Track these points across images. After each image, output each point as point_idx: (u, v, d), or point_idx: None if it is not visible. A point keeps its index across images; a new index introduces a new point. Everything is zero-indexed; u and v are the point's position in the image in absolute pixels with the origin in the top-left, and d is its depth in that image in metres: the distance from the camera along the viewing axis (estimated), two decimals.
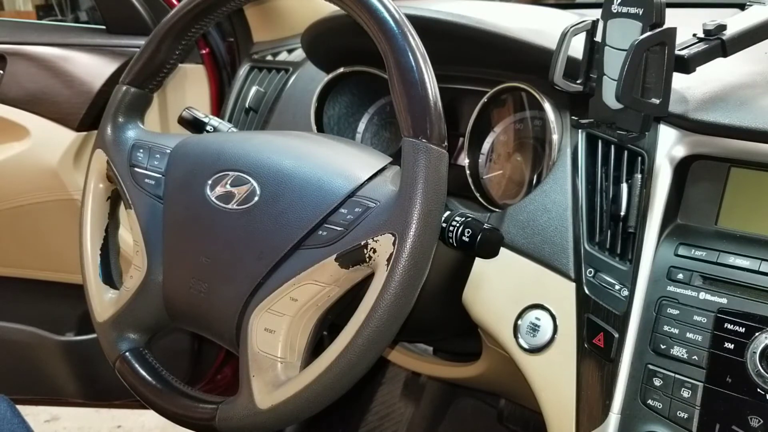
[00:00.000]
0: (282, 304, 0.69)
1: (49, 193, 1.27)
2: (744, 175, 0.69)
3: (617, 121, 0.71)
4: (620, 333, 0.69)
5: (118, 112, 0.85)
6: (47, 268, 1.37)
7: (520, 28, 0.86)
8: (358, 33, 0.71)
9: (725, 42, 0.70)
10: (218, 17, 0.83)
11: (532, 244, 0.79)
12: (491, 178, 0.97)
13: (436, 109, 0.65)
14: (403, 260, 0.63)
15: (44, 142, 1.25)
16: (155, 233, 0.79)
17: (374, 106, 1.12)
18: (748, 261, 0.66)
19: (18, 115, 1.26)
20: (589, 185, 0.78)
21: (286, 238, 0.69)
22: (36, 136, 1.25)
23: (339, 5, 0.71)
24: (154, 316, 0.79)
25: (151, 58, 0.84)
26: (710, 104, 0.71)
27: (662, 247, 0.70)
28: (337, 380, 0.65)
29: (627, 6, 0.67)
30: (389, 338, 0.65)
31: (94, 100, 1.23)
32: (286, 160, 0.74)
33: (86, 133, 1.24)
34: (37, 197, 1.28)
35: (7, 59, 1.26)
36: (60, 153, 1.23)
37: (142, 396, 0.78)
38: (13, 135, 1.26)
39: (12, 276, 1.40)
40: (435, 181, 0.64)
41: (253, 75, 1.27)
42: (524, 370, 0.77)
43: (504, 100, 0.94)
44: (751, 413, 0.61)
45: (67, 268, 1.31)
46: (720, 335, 0.64)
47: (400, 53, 0.65)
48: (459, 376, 1.08)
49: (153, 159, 0.82)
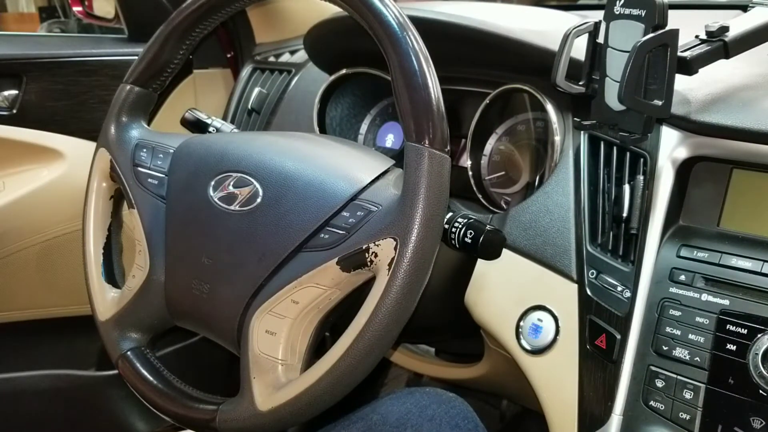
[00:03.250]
0: (283, 307, 0.69)
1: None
2: (746, 177, 0.69)
3: (619, 122, 0.71)
4: (622, 334, 0.69)
5: (122, 111, 0.86)
6: (73, 302, 1.23)
7: (523, 29, 0.86)
8: (361, 34, 0.71)
9: (728, 44, 0.70)
10: (222, 18, 0.83)
11: (534, 245, 0.79)
12: (493, 180, 0.97)
13: (439, 113, 0.65)
14: (404, 265, 0.63)
15: (83, 163, 1.06)
16: (158, 233, 0.79)
17: (376, 108, 1.13)
18: (751, 262, 0.66)
19: (47, 138, 1.16)
20: (592, 187, 0.78)
21: (288, 241, 0.69)
22: (72, 159, 1.16)
23: (342, 7, 0.71)
24: (156, 315, 0.80)
25: (155, 57, 0.84)
26: (712, 106, 0.71)
27: (664, 249, 0.70)
28: (337, 383, 0.65)
29: (629, 7, 0.67)
30: (390, 342, 0.65)
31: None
32: (288, 162, 0.74)
33: None
34: (70, 227, 1.18)
35: (24, 77, 1.15)
36: None
37: (143, 395, 0.78)
38: (44, 160, 1.16)
39: (30, 319, 1.24)
40: (437, 185, 0.64)
41: (255, 76, 1.27)
42: (526, 371, 0.77)
43: (506, 101, 0.94)
44: (753, 414, 0.61)
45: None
46: (722, 337, 0.64)
47: (403, 56, 0.65)
48: (461, 377, 1.08)
49: (156, 159, 0.82)
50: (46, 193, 1.14)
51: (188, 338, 1.34)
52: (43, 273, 1.19)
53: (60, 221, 1.17)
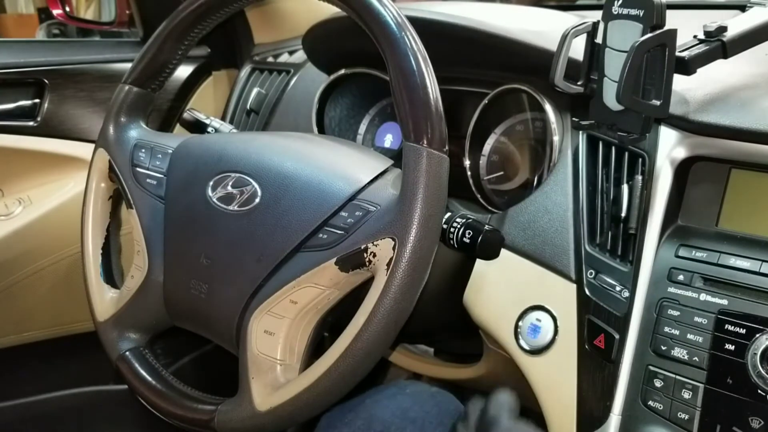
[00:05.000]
0: (282, 307, 0.69)
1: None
2: (745, 177, 0.69)
3: (618, 122, 0.71)
4: (621, 334, 0.69)
5: (121, 111, 0.86)
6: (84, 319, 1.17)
7: (521, 29, 0.86)
8: (359, 35, 0.71)
9: (726, 43, 0.70)
10: (220, 18, 0.83)
11: (532, 245, 0.79)
12: (492, 180, 0.97)
13: (438, 113, 0.65)
14: (402, 265, 0.63)
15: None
16: (156, 233, 0.79)
17: (375, 108, 1.13)
18: (749, 262, 0.66)
19: (72, 147, 1.13)
20: (590, 187, 0.78)
21: (287, 241, 0.69)
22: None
23: (340, 7, 0.71)
24: (155, 316, 0.80)
25: (153, 58, 0.84)
26: (711, 106, 0.71)
27: (663, 249, 0.70)
28: (335, 383, 0.65)
29: (628, 8, 0.67)
30: (388, 342, 0.65)
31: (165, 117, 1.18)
32: (287, 162, 0.74)
33: None
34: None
35: (46, 85, 1.12)
36: None
37: (141, 395, 0.78)
38: (69, 170, 1.13)
39: (55, 337, 1.21)
40: (436, 186, 0.64)
41: (254, 77, 1.27)
42: (525, 371, 0.77)
43: (505, 101, 0.94)
44: (752, 414, 0.61)
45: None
46: (721, 336, 0.64)
47: (402, 57, 0.65)
48: (460, 378, 1.08)
49: (155, 159, 0.82)
50: (75, 205, 1.07)
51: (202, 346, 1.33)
52: (71, 289, 1.15)
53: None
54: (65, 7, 1.32)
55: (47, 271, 1.14)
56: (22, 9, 4.56)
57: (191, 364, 1.33)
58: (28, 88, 1.13)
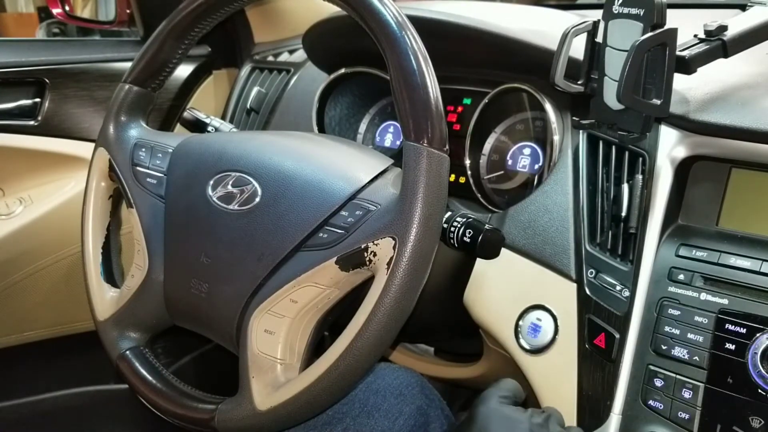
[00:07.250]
0: (282, 306, 0.69)
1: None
2: (745, 176, 0.69)
3: (618, 121, 0.71)
4: (621, 333, 0.69)
5: (121, 110, 0.85)
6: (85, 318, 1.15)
7: (522, 29, 0.86)
8: (360, 34, 0.71)
9: (726, 43, 0.70)
10: (220, 18, 0.83)
11: (533, 244, 0.79)
12: (492, 179, 0.97)
13: (438, 112, 0.65)
14: (403, 264, 0.62)
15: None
16: (157, 232, 0.79)
17: (375, 107, 1.12)
18: (749, 262, 0.66)
19: (72, 146, 1.14)
20: (590, 186, 0.78)
21: (287, 240, 0.69)
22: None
23: (340, 6, 0.71)
24: (155, 315, 0.80)
25: (153, 57, 0.84)
26: (711, 105, 0.71)
27: (663, 248, 0.70)
28: (336, 383, 0.65)
29: (628, 7, 0.67)
30: (388, 342, 0.65)
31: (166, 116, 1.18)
32: (287, 162, 0.74)
33: None
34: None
35: (47, 85, 1.12)
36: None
37: (141, 395, 0.78)
38: (70, 169, 1.14)
39: (56, 336, 1.21)
40: (436, 185, 0.64)
41: (254, 76, 1.27)
42: (525, 370, 0.77)
43: (505, 101, 0.94)
44: (752, 414, 0.61)
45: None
46: (721, 336, 0.64)
47: (402, 56, 0.65)
48: (460, 377, 1.08)
49: (155, 158, 0.82)
50: (75, 204, 1.07)
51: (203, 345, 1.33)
52: (72, 288, 1.16)
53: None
54: (65, 6, 1.32)
55: (48, 270, 1.14)
56: (21, 8, 4.55)
57: (191, 363, 1.34)
58: (28, 88, 1.13)
